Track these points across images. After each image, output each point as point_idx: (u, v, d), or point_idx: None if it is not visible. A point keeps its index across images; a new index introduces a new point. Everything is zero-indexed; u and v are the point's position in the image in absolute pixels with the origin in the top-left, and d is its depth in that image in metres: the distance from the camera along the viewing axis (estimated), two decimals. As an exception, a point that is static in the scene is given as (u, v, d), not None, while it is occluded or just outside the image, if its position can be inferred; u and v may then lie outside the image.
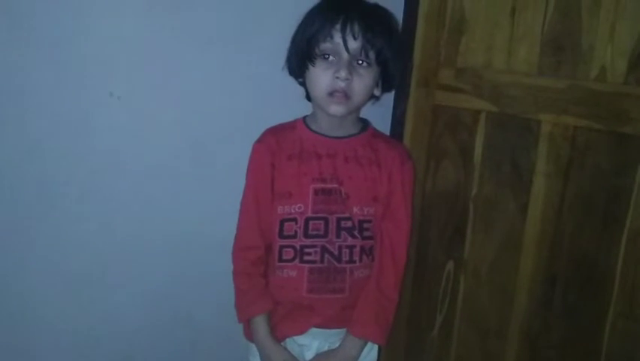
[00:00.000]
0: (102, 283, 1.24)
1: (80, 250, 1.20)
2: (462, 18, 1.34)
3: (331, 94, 1.05)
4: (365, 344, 1.16)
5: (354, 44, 1.03)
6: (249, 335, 1.17)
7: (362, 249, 1.13)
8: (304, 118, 1.17)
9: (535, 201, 1.30)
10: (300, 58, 1.08)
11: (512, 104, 1.29)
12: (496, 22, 1.30)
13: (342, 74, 1.03)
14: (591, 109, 1.19)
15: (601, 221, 1.22)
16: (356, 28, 1.03)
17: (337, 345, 1.16)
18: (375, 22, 1.05)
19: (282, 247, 1.12)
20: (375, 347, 1.20)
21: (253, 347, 1.17)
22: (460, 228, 1.42)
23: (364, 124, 1.18)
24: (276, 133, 1.15)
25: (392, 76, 1.11)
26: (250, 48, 1.24)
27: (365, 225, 1.13)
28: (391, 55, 1.07)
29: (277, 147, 1.12)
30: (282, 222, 1.12)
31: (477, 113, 1.35)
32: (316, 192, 1.10)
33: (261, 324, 1.14)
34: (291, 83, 1.13)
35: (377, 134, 1.20)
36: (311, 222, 1.10)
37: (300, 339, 1.16)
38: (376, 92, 1.13)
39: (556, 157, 1.26)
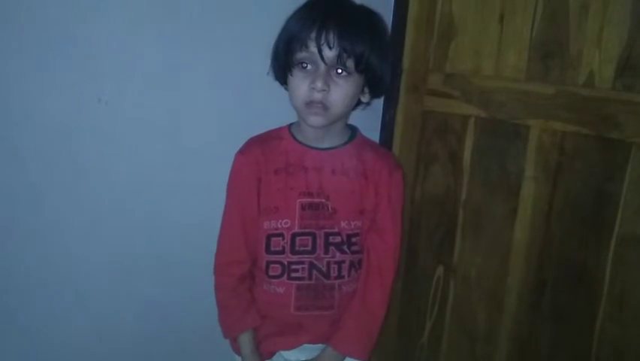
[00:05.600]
0: (89, 290, 1.22)
1: (66, 257, 1.17)
2: (451, 24, 1.34)
3: (309, 104, 1.01)
4: (344, 357, 1.13)
5: (329, 53, 0.98)
6: (237, 348, 1.15)
7: (351, 263, 1.11)
8: (290, 126, 1.13)
9: (524, 206, 1.30)
10: (280, 65, 1.05)
11: (501, 110, 1.30)
12: (485, 28, 1.30)
13: (318, 85, 0.99)
14: (579, 114, 1.20)
15: (590, 226, 1.23)
16: (331, 36, 0.98)
17: None
18: (354, 29, 0.99)
19: (269, 262, 1.09)
20: None
21: (239, 359, 1.15)
22: (450, 233, 1.42)
23: (352, 132, 1.14)
24: (261, 144, 1.10)
25: (380, 81, 1.06)
26: (240, 52, 1.22)
27: (353, 239, 1.10)
28: (376, 60, 1.02)
29: (264, 160, 1.08)
30: (268, 237, 1.08)
31: (466, 118, 1.35)
32: (303, 207, 1.07)
33: (246, 342, 1.12)
34: (282, 87, 1.12)
35: (366, 142, 1.16)
36: (298, 238, 1.07)
37: (288, 354, 1.14)
38: (363, 99, 1.09)
39: (544, 162, 1.26)
